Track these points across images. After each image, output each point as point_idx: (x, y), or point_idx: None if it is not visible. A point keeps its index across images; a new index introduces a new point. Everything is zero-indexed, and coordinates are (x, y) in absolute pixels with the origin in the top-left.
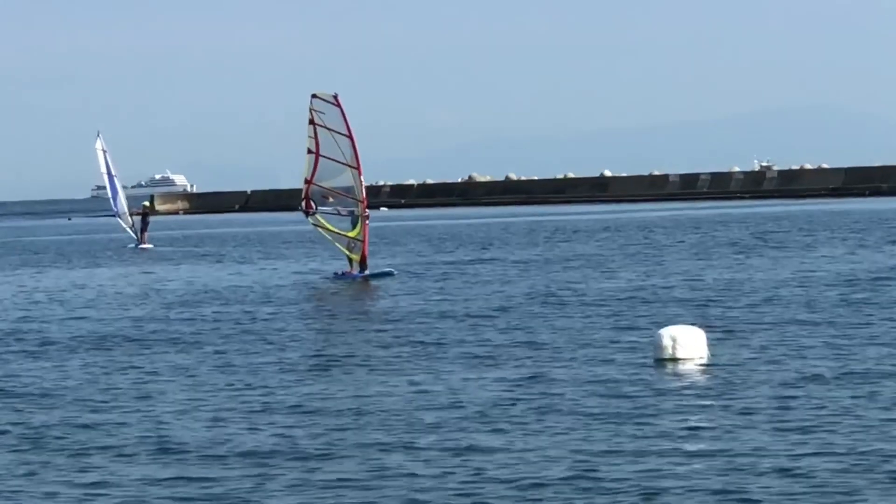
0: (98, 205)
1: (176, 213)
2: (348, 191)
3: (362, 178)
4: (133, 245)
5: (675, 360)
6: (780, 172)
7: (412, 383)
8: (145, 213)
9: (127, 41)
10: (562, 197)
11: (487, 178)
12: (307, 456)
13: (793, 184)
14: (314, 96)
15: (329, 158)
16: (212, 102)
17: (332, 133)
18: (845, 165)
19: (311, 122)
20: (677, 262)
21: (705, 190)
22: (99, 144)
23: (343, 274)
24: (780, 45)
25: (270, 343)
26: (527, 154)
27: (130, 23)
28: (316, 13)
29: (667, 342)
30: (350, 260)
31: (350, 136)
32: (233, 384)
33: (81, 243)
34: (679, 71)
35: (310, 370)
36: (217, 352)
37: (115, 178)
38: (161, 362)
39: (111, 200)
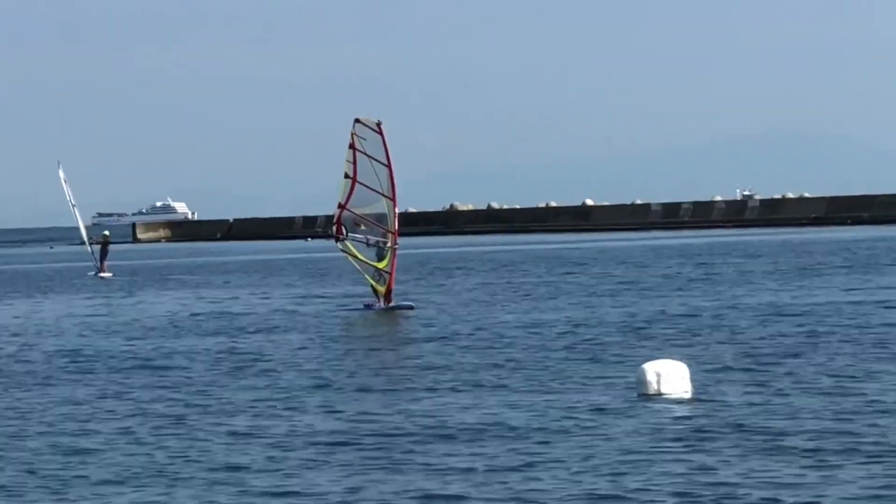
0: (96, 232)
1: (158, 241)
2: (380, 219)
3: (397, 209)
4: (93, 273)
5: (659, 395)
6: (762, 201)
7: (398, 408)
8: (105, 243)
9: (116, 65)
10: (543, 225)
11: (469, 207)
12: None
13: (775, 213)
14: (357, 121)
15: (365, 186)
16: (207, 129)
17: (372, 160)
18: (827, 194)
19: (352, 146)
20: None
21: (687, 219)
22: (61, 174)
23: (368, 305)
24: (762, 70)
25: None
26: (508, 182)
27: (115, 46)
28: (299, 39)
29: (651, 377)
30: (375, 291)
31: (389, 166)
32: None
33: (46, 272)
34: (661, 98)
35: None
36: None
37: (76, 209)
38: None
39: (81, 229)
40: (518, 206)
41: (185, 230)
